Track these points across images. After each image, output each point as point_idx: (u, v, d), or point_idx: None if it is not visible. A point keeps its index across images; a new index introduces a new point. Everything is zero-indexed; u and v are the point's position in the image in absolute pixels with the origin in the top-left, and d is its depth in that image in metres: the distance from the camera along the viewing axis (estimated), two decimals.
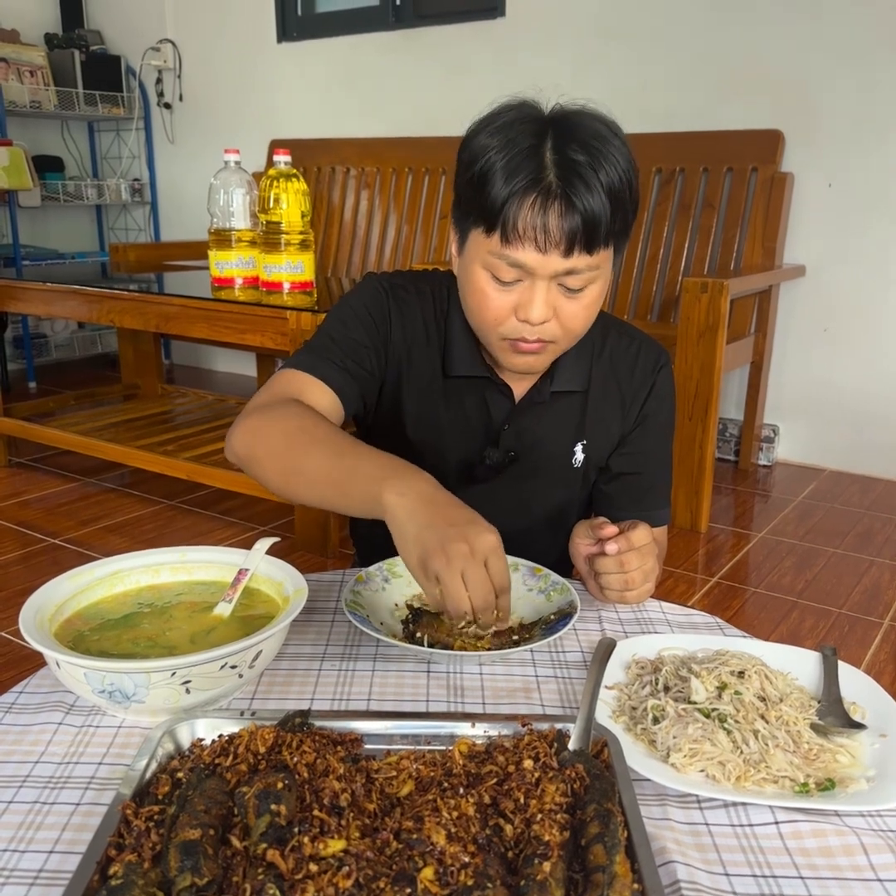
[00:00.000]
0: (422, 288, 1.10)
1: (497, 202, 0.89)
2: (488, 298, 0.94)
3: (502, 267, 0.92)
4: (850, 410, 3.20)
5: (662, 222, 3.26)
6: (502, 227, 0.89)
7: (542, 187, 0.88)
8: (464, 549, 0.76)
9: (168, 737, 0.68)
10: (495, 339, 0.98)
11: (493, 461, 1.09)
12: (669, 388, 1.14)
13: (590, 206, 0.88)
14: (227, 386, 4.45)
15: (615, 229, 0.92)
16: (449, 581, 0.75)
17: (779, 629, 2.14)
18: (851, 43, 2.94)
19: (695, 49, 3.22)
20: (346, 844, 0.55)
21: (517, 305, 0.94)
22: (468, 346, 1.06)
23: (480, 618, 0.78)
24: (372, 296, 1.08)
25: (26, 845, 0.62)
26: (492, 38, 3.60)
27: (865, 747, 0.73)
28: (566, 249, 0.89)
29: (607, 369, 1.11)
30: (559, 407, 1.10)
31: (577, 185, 0.88)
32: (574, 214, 0.88)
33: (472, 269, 0.95)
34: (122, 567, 0.89)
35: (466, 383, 1.08)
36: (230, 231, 2.50)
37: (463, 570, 0.75)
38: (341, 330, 1.05)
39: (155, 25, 4.52)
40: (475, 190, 0.91)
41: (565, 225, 0.88)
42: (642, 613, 0.98)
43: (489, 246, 0.91)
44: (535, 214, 0.88)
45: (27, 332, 4.51)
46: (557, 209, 0.88)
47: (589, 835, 0.58)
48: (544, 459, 1.11)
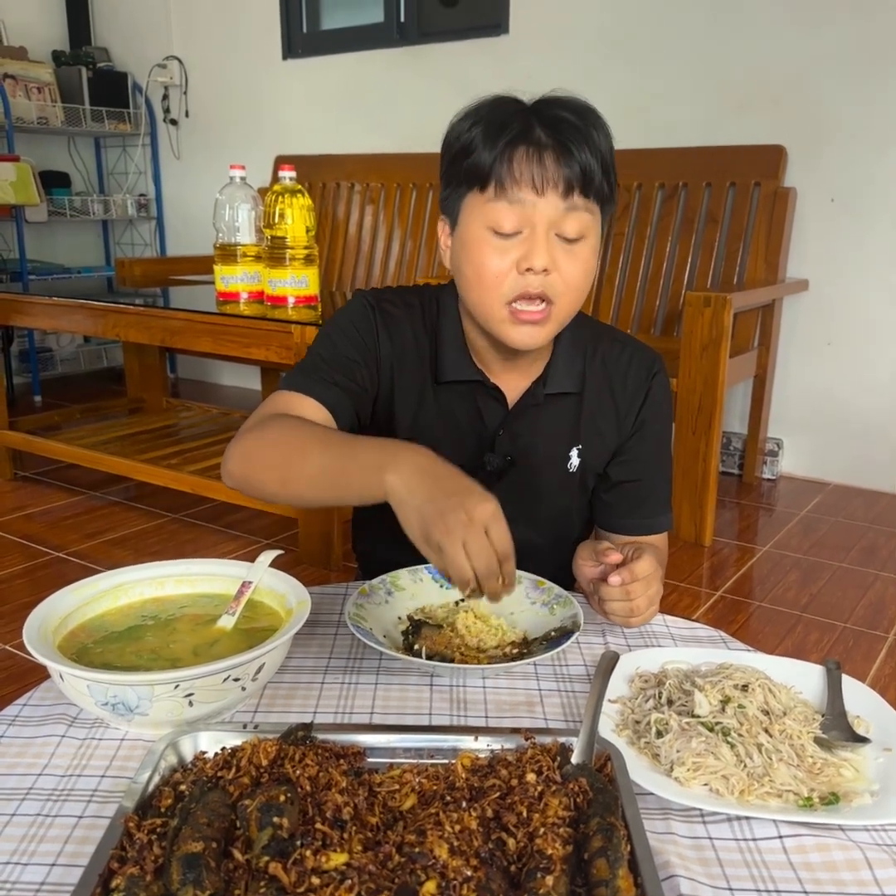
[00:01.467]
0: (409, 300, 1.10)
1: (487, 159, 0.90)
2: (488, 257, 0.93)
3: (502, 213, 0.91)
4: (854, 424, 3.20)
5: (665, 236, 3.28)
6: (497, 177, 0.90)
7: (532, 140, 0.89)
8: (463, 518, 0.76)
9: (171, 749, 0.68)
10: (497, 307, 0.96)
11: (494, 466, 1.09)
12: (665, 394, 1.13)
13: (586, 156, 0.89)
14: (231, 400, 4.46)
15: (605, 188, 0.93)
16: (450, 550, 0.76)
17: (784, 643, 2.13)
18: (854, 58, 2.96)
19: (698, 64, 3.24)
20: (348, 858, 0.55)
21: (518, 259, 0.93)
22: (459, 351, 1.06)
23: (485, 587, 0.78)
24: (359, 312, 1.08)
25: (29, 858, 0.62)
26: (495, 54, 3.63)
27: (869, 761, 0.73)
28: (565, 190, 0.90)
29: (600, 376, 1.10)
30: (554, 410, 1.09)
31: (572, 136, 0.90)
32: (571, 161, 0.89)
33: (469, 234, 0.95)
34: (126, 579, 0.90)
35: (458, 390, 1.08)
36: (235, 246, 2.52)
37: (464, 539, 0.76)
38: (330, 348, 1.06)
39: (161, 42, 4.57)
40: (461, 161, 0.93)
41: (563, 170, 0.89)
42: (646, 627, 0.98)
43: (486, 198, 0.92)
44: (529, 161, 0.89)
45: (33, 346, 4.53)
46: (552, 156, 0.89)
47: (592, 849, 0.57)
48: (540, 464, 1.10)
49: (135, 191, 4.89)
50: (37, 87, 4.39)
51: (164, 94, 4.65)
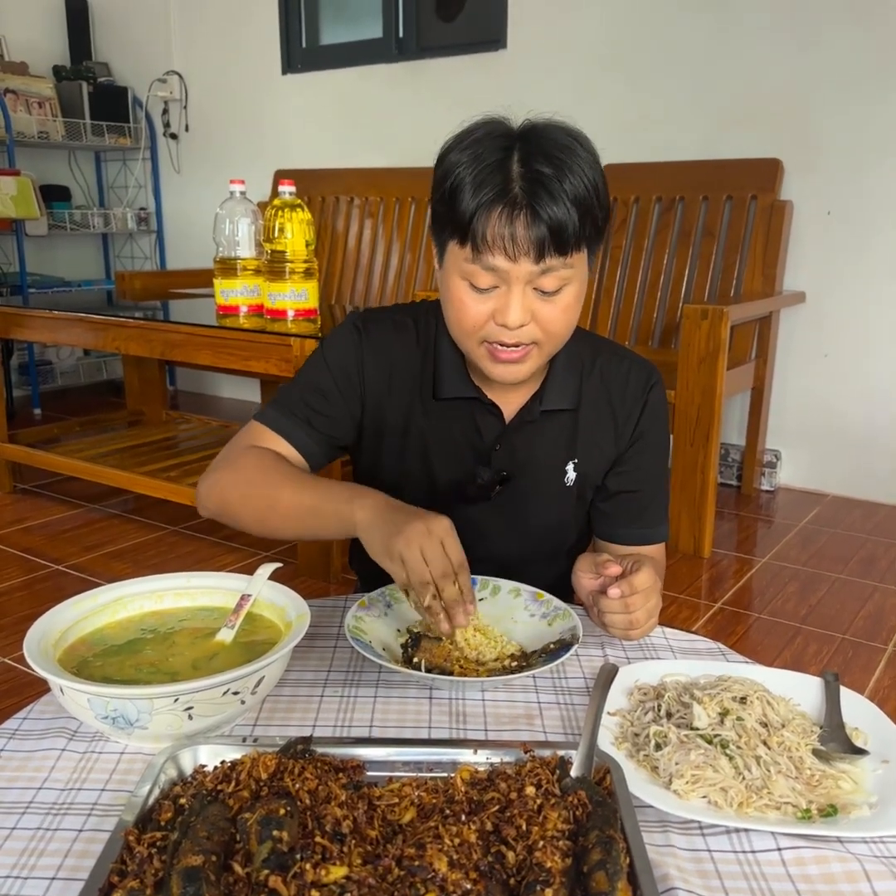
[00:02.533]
0: (401, 320, 1.12)
1: (466, 215, 0.92)
2: (466, 306, 0.96)
3: (477, 273, 0.94)
4: (852, 435, 3.21)
5: (663, 250, 3.29)
6: (472, 238, 0.92)
7: (508, 199, 0.90)
8: (421, 528, 0.87)
9: (171, 763, 0.68)
10: (475, 346, 0.99)
11: (485, 480, 1.10)
12: (662, 406, 1.15)
13: (555, 215, 0.90)
14: (231, 412, 4.47)
15: (585, 234, 0.94)
16: (410, 556, 0.86)
17: (782, 655, 2.13)
18: (850, 72, 2.98)
19: (694, 79, 3.26)
20: (347, 871, 0.55)
21: (495, 311, 0.95)
22: (456, 368, 1.08)
23: (444, 591, 0.86)
24: (346, 339, 1.10)
25: (29, 872, 0.62)
26: (494, 70, 3.65)
27: (868, 773, 0.73)
28: (536, 256, 0.91)
29: (598, 388, 1.12)
30: (550, 426, 1.10)
31: (542, 196, 0.90)
32: (539, 224, 0.90)
33: (450, 280, 0.98)
34: (125, 593, 0.90)
35: (456, 405, 1.09)
36: (235, 260, 2.53)
37: (421, 547, 0.86)
38: (315, 379, 1.10)
39: (162, 57, 4.60)
40: (447, 205, 0.94)
41: (531, 234, 0.91)
42: (645, 639, 0.98)
43: (463, 255, 0.94)
44: (502, 225, 0.91)
45: (33, 359, 4.54)
46: (523, 220, 0.90)
47: (591, 861, 0.57)
48: (537, 479, 1.12)
49: (135, 204, 4.91)
50: (38, 102, 4.42)
51: (164, 108, 4.67)
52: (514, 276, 0.93)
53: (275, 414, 1.09)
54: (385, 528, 0.89)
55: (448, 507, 1.06)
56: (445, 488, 1.11)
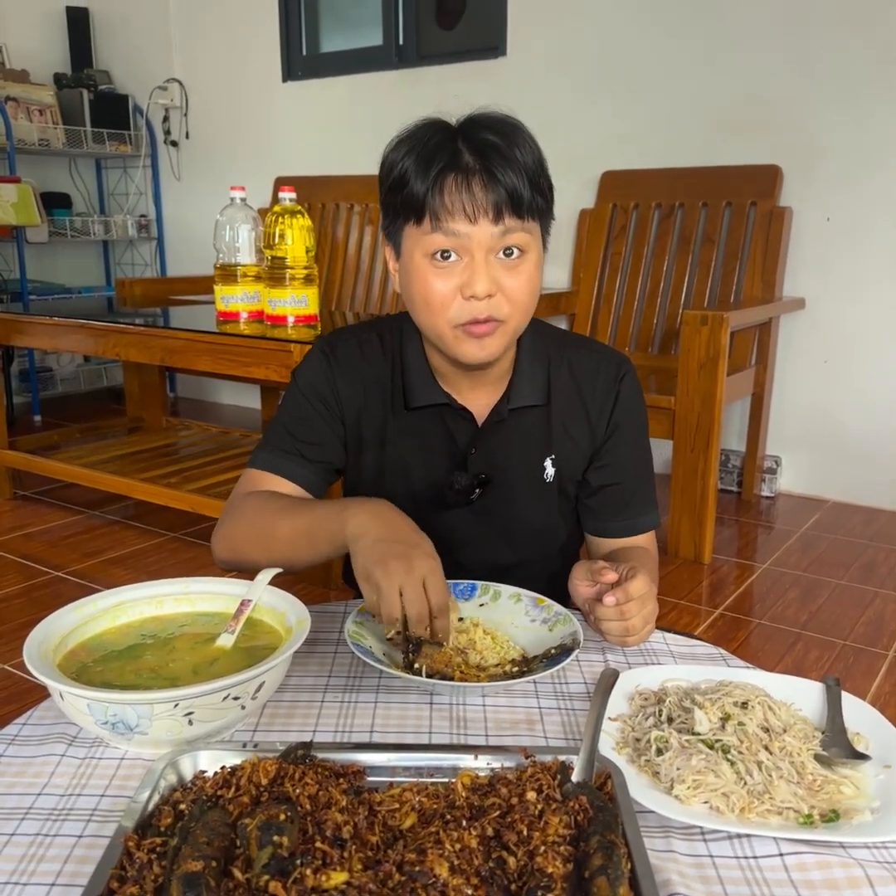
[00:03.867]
0: (366, 337, 1.13)
1: (420, 191, 0.93)
2: (431, 285, 0.96)
3: (438, 241, 0.94)
4: (852, 441, 3.21)
5: (662, 256, 3.30)
6: (430, 210, 0.93)
7: (460, 167, 0.92)
8: (404, 565, 0.84)
9: (170, 769, 0.68)
10: (447, 330, 0.98)
11: (462, 485, 1.10)
12: (635, 396, 1.14)
13: (511, 178, 0.92)
14: (231, 418, 4.47)
15: (537, 204, 0.95)
16: (387, 590, 0.83)
17: (783, 661, 2.13)
18: (849, 78, 2.99)
19: (693, 86, 3.27)
20: (348, 877, 0.55)
21: (460, 286, 0.95)
22: (424, 376, 1.08)
23: (413, 630, 0.85)
24: (316, 367, 1.11)
25: (28, 878, 0.62)
26: (493, 77, 3.67)
27: (869, 778, 0.73)
28: (495, 216, 0.92)
29: (568, 383, 1.12)
30: (522, 424, 1.10)
31: (495, 161, 0.92)
32: (496, 186, 0.92)
33: (411, 264, 0.97)
34: (125, 598, 0.90)
35: (428, 413, 1.09)
36: (236, 266, 2.53)
37: (401, 584, 0.84)
38: (294, 412, 1.11)
39: (162, 65, 4.61)
40: (397, 191, 0.95)
41: (489, 196, 0.92)
42: (646, 644, 0.98)
43: (422, 231, 0.95)
44: (458, 190, 0.92)
45: (33, 366, 4.54)
46: (480, 183, 0.92)
47: (592, 867, 0.57)
48: (516, 478, 1.12)
49: (135, 211, 4.92)
50: (38, 110, 4.43)
51: (164, 115, 4.69)
52: (475, 241, 0.93)
53: (265, 455, 1.10)
54: (370, 549, 0.87)
55: (430, 515, 1.07)
56: (426, 497, 1.11)
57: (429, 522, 0.95)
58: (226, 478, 2.95)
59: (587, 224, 3.49)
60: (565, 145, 3.55)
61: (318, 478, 1.11)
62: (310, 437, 1.10)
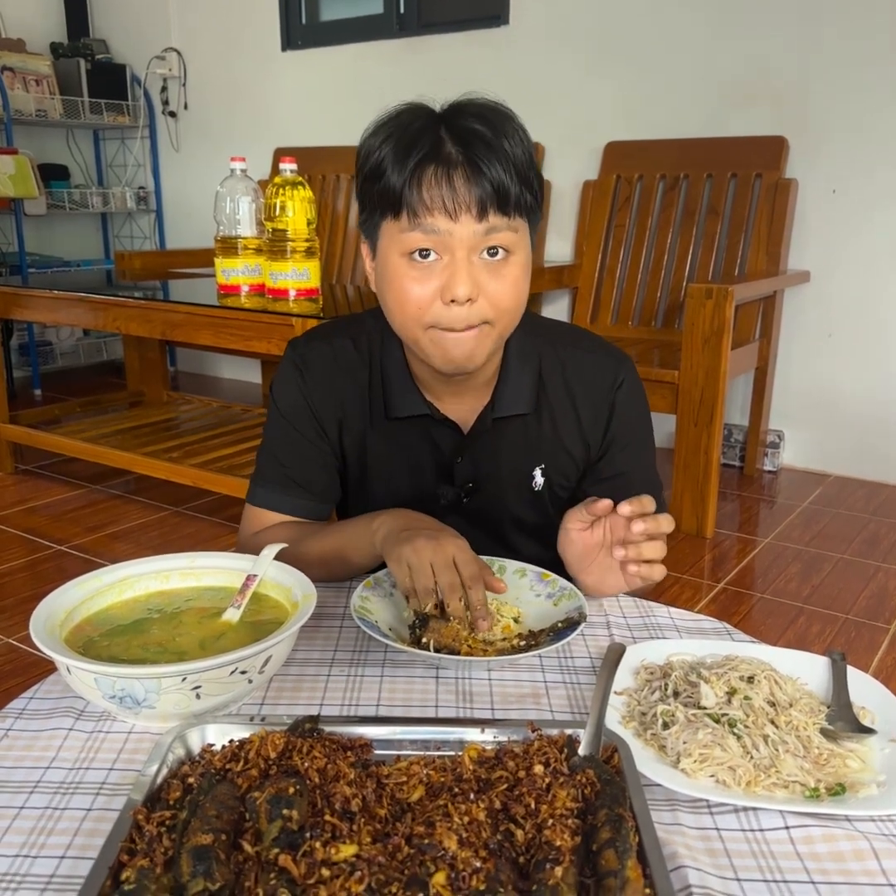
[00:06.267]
0: (339, 343, 1.07)
1: (398, 183, 0.86)
2: (407, 288, 0.89)
3: (416, 239, 0.87)
4: (855, 415, 3.20)
5: (667, 229, 3.27)
6: (408, 204, 0.86)
7: (441, 158, 0.85)
8: (432, 544, 0.86)
9: (179, 742, 0.68)
10: (420, 333, 0.91)
11: (448, 499, 1.07)
12: (633, 403, 1.07)
13: (496, 171, 0.84)
14: (232, 393, 4.46)
15: (525, 200, 0.88)
16: (417, 564, 0.85)
17: (786, 635, 2.14)
18: (854, 49, 2.95)
19: (699, 56, 3.23)
20: (357, 849, 0.55)
21: (440, 288, 0.88)
22: (406, 385, 1.03)
23: (449, 606, 0.85)
24: (290, 383, 1.07)
25: (38, 850, 0.62)
26: (496, 46, 3.61)
27: (875, 752, 0.73)
28: (478, 213, 0.85)
29: (560, 388, 1.05)
30: (510, 432, 1.05)
31: (480, 151, 0.85)
32: (480, 180, 0.84)
33: (388, 262, 0.91)
34: (131, 573, 0.90)
35: (410, 423, 1.05)
36: (236, 238, 2.51)
37: (431, 559, 0.85)
38: (281, 440, 1.09)
39: (160, 34, 4.55)
40: (374, 183, 0.89)
41: (472, 191, 0.85)
42: (650, 619, 0.98)
43: (399, 227, 0.88)
44: (439, 184, 0.85)
45: (33, 340, 4.52)
46: (462, 176, 0.85)
47: (600, 840, 0.57)
48: (503, 488, 1.08)
49: (134, 183, 4.88)
50: (35, 80, 4.38)
51: (162, 86, 4.63)
52: (456, 239, 0.86)
53: (263, 492, 1.09)
54: (399, 535, 0.89)
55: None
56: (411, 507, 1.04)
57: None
58: (227, 452, 2.95)
59: (591, 196, 3.46)
60: (568, 115, 3.51)
61: (321, 503, 1.10)
62: (300, 463, 1.07)
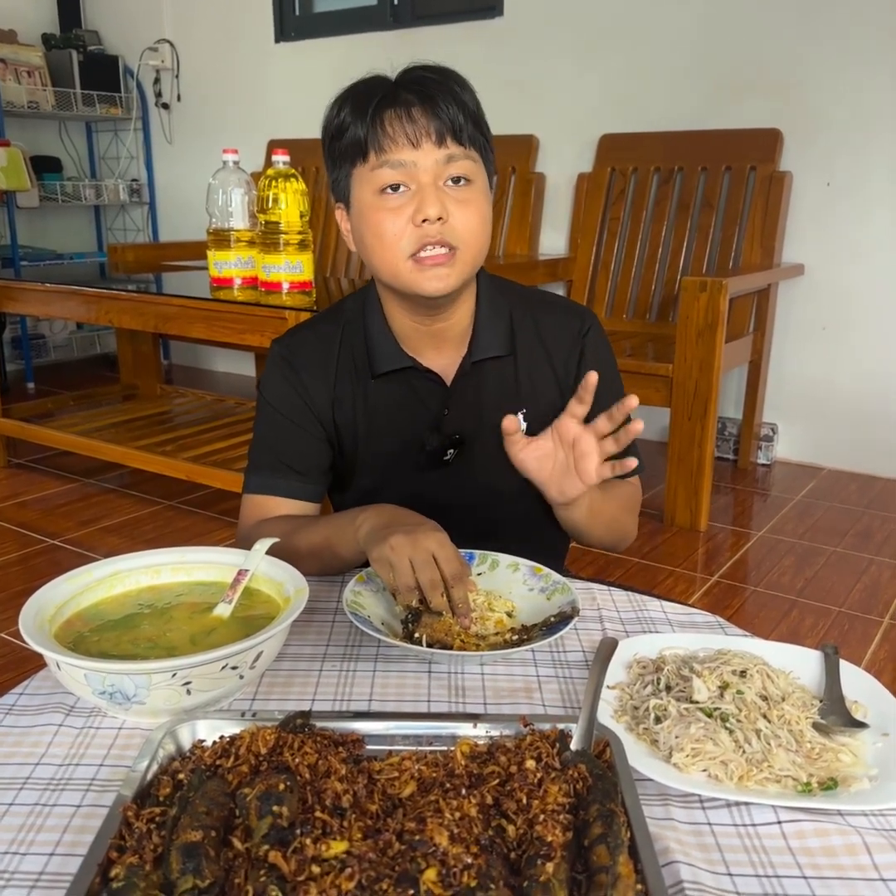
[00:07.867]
0: (323, 329, 1.13)
1: (361, 130, 0.96)
2: (384, 218, 0.97)
3: (385, 174, 0.96)
4: (848, 409, 3.20)
5: (661, 221, 3.26)
6: (374, 144, 0.95)
7: (399, 102, 0.95)
8: (409, 539, 0.88)
9: (169, 738, 0.68)
10: (402, 261, 0.98)
11: (433, 446, 1.10)
12: (600, 347, 1.15)
13: (450, 108, 0.95)
14: (225, 386, 4.45)
15: (479, 140, 0.98)
16: (397, 563, 0.87)
17: (779, 628, 2.14)
18: (849, 42, 2.94)
19: (693, 48, 3.22)
20: (348, 846, 0.55)
21: (413, 214, 0.96)
22: (387, 341, 1.09)
23: (431, 602, 0.87)
24: (277, 375, 1.12)
25: (27, 848, 0.62)
26: (490, 37, 3.60)
27: (868, 746, 0.73)
28: (438, 140, 0.95)
29: (533, 339, 1.12)
30: (491, 378, 1.11)
31: (433, 92, 0.95)
32: (437, 113, 0.95)
33: (362, 205, 0.99)
34: (121, 568, 0.89)
35: (395, 379, 1.10)
36: (229, 231, 2.50)
37: (410, 556, 0.87)
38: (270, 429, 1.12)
39: (153, 26, 4.52)
40: (339, 140, 0.98)
41: (432, 122, 0.95)
42: (643, 613, 0.98)
43: (369, 167, 0.97)
44: (399, 121, 0.95)
45: (25, 333, 4.50)
46: (419, 111, 0.95)
47: (592, 835, 0.57)
48: (491, 436, 1.09)
49: (126, 176, 4.86)
50: (27, 71, 4.35)
51: (155, 77, 4.60)
52: (421, 169, 0.95)
53: (258, 479, 1.12)
54: (378, 533, 0.91)
55: (408, 480, 1.08)
56: (401, 462, 1.12)
57: (407, 488, 0.95)
58: (221, 446, 2.94)
59: (585, 188, 3.45)
60: (563, 107, 3.51)
61: (315, 485, 1.13)
62: (292, 449, 1.11)
